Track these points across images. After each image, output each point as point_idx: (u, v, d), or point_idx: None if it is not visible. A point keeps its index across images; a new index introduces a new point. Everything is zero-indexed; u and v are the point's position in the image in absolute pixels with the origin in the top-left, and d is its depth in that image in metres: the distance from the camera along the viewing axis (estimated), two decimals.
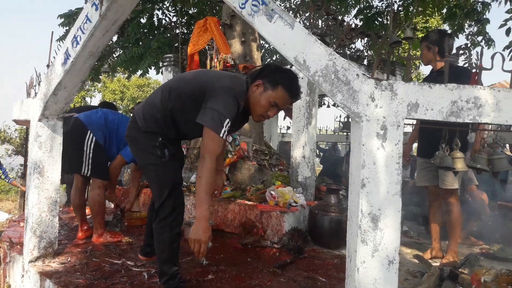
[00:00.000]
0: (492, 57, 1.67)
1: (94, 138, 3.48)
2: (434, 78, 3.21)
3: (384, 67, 5.20)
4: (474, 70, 2.76)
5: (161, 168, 2.34)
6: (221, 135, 2.00)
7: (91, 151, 3.48)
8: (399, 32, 7.07)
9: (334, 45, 4.20)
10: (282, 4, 8.23)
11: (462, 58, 6.77)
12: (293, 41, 1.74)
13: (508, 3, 5.52)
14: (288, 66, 2.96)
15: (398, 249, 1.67)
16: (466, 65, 6.62)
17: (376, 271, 1.65)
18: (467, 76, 2.88)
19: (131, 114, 2.63)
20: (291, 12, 7.69)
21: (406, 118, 1.65)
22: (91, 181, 3.64)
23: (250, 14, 1.81)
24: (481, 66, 1.74)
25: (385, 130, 1.64)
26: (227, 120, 2.02)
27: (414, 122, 3.61)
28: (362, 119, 1.65)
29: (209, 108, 2.04)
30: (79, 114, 3.60)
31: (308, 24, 4.23)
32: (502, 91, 1.64)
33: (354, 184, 1.75)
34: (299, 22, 4.93)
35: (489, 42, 6.47)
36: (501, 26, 5.49)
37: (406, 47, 9.76)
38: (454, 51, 3.19)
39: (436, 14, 7.57)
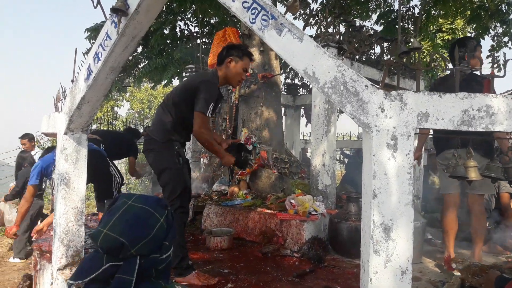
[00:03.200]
0: (505, 65, 1.65)
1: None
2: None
3: (406, 72, 5.15)
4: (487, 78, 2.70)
5: (176, 172, 2.93)
6: (207, 114, 2.79)
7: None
8: (421, 37, 6.99)
9: (342, 56, 4.18)
10: (303, 11, 8.24)
11: (488, 60, 6.61)
12: (302, 53, 1.77)
13: None
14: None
15: (411, 259, 1.66)
16: (492, 67, 6.49)
17: (389, 281, 1.65)
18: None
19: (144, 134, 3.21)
20: (311, 19, 7.70)
21: (416, 128, 1.65)
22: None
23: (260, 29, 1.85)
24: (493, 74, 1.72)
25: (395, 140, 1.64)
26: (212, 103, 2.81)
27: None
28: (372, 129, 1.66)
29: (199, 97, 2.80)
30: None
31: (324, 32, 4.22)
32: None
33: (366, 194, 1.75)
34: (318, 29, 4.98)
35: None
36: None
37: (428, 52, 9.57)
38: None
39: (459, 16, 7.42)
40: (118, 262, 1.18)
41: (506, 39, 6.51)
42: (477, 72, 3.04)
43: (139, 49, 8.54)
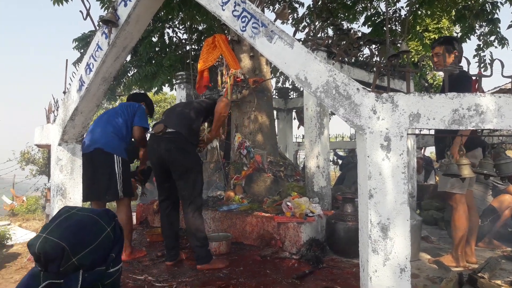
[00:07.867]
0: (491, 64, 1.69)
1: (120, 158, 3.60)
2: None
3: (395, 73, 5.21)
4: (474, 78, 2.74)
5: (201, 172, 3.38)
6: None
7: (121, 172, 3.60)
8: (408, 37, 7.06)
9: (333, 60, 4.22)
10: (290, 16, 8.29)
11: (475, 59, 6.66)
12: (293, 59, 1.80)
13: None
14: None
15: (409, 257, 1.69)
16: (479, 66, 6.54)
17: (388, 279, 1.68)
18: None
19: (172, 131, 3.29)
20: (300, 25, 7.76)
21: (408, 128, 1.69)
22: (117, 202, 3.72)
23: (251, 36, 1.88)
24: (480, 73, 1.77)
25: (388, 141, 1.68)
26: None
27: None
28: (365, 131, 1.70)
29: None
30: (100, 145, 3.60)
31: (312, 36, 4.27)
32: (503, 97, 1.66)
33: (362, 195, 1.78)
34: (307, 34, 5.02)
35: (502, 41, 6.35)
36: (510, 26, 5.44)
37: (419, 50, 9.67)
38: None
39: (445, 17, 7.51)
40: (58, 280, 1.05)
41: (492, 37, 6.55)
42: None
43: (128, 58, 8.52)
